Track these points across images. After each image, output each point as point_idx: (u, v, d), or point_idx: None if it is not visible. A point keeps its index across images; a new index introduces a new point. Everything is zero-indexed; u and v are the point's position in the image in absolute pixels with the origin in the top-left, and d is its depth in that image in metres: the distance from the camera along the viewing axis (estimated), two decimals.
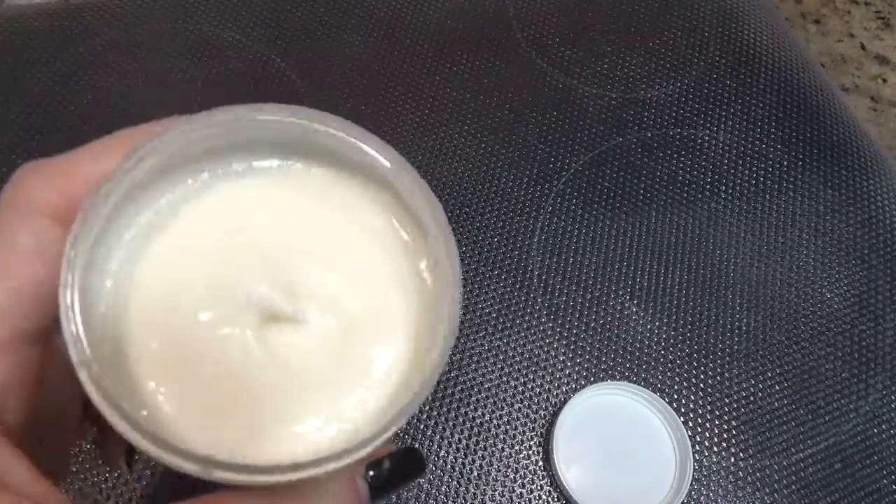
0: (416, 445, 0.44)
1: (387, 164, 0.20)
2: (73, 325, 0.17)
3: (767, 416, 0.48)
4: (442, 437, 0.44)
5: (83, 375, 0.16)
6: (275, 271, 0.20)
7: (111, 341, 0.19)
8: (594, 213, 0.54)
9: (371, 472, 0.19)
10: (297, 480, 0.17)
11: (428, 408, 0.45)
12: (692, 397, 0.48)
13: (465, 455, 0.44)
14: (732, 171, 0.58)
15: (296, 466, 0.17)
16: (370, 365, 0.20)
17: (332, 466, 0.17)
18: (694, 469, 0.44)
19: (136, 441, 0.16)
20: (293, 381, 0.20)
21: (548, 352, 0.48)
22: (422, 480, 0.43)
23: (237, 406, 0.19)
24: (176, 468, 0.16)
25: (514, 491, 0.43)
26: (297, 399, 0.19)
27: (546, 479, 0.44)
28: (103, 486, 0.40)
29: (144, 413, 0.18)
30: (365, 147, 0.20)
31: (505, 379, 0.47)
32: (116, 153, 0.19)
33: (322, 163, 0.22)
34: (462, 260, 0.50)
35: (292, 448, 0.19)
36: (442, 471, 0.43)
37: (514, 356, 0.47)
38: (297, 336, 0.20)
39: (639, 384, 0.47)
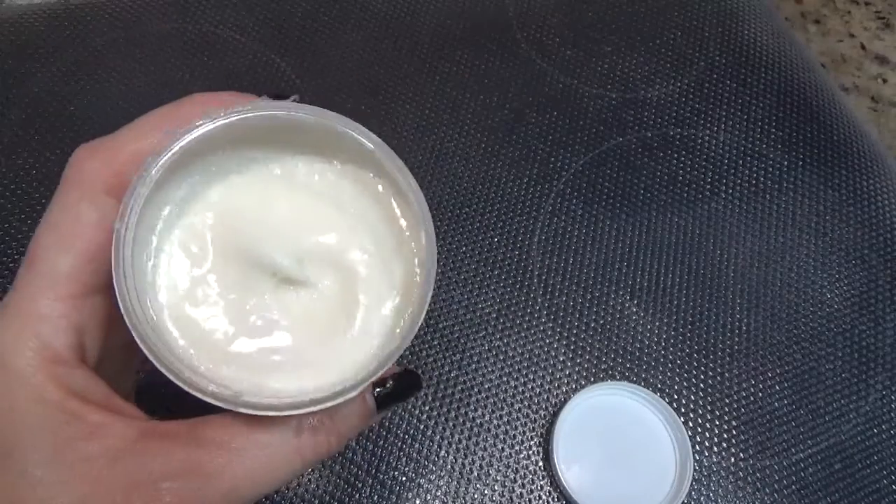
0: (416, 445, 0.44)
1: (371, 146, 0.24)
2: (125, 297, 0.21)
3: (767, 416, 0.48)
4: (442, 437, 0.44)
5: (136, 336, 0.21)
6: (285, 243, 0.25)
7: (155, 304, 0.23)
8: (594, 213, 0.54)
9: (378, 390, 0.24)
10: (317, 410, 0.22)
11: (428, 408, 0.45)
12: (692, 397, 0.48)
13: (465, 455, 0.44)
14: (732, 171, 0.58)
15: (313, 402, 0.22)
16: (366, 316, 0.25)
17: (342, 399, 0.22)
18: (694, 469, 0.44)
19: (179, 384, 0.21)
20: (303, 332, 0.24)
21: (548, 352, 0.48)
22: (422, 480, 0.43)
23: (260, 352, 0.24)
24: (208, 403, 0.21)
25: (513, 491, 0.43)
26: (308, 344, 0.24)
27: (546, 479, 0.44)
28: None
29: (180, 353, 0.22)
30: (358, 136, 0.24)
31: (505, 379, 0.47)
32: (152, 132, 0.22)
33: (322, 153, 0.26)
34: (462, 260, 0.51)
35: (304, 385, 0.23)
36: (442, 471, 0.43)
37: (514, 356, 0.47)
38: (306, 295, 0.25)
39: (639, 384, 0.47)
